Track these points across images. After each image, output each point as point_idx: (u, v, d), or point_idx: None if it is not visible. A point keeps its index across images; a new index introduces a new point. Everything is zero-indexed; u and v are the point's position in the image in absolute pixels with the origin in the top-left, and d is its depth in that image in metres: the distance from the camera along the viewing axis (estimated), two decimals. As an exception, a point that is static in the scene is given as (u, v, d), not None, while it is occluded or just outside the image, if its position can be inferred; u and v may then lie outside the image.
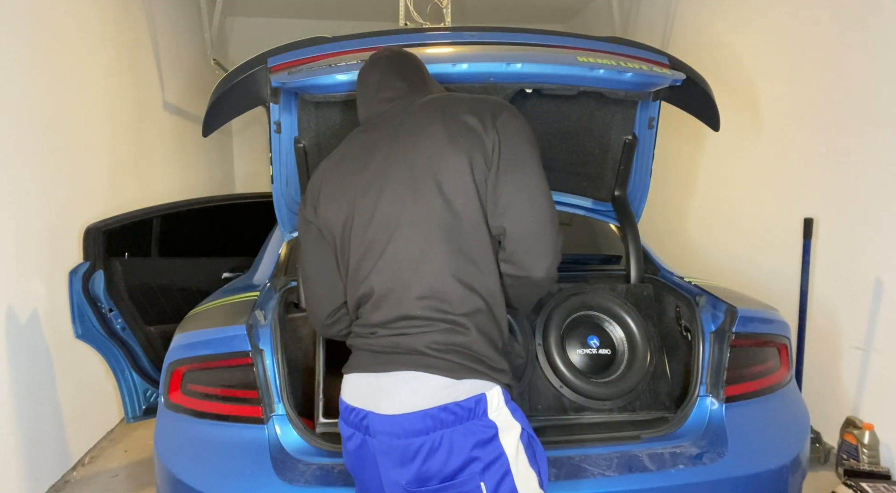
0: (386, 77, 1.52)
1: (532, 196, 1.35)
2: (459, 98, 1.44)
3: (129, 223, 2.93)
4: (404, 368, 1.30)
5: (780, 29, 3.57)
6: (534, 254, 1.35)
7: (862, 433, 2.80)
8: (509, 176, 1.33)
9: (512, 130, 1.36)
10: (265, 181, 2.43)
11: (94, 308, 2.64)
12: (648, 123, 2.22)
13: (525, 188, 1.34)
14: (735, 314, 1.97)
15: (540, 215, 1.35)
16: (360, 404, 1.35)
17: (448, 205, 1.32)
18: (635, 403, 1.99)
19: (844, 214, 3.06)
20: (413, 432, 1.27)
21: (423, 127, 1.38)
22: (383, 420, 1.30)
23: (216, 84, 1.96)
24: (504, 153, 1.34)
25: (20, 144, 2.71)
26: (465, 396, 1.28)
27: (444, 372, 1.28)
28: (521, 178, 1.34)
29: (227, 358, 1.83)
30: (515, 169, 1.34)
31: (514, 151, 1.35)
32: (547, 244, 1.36)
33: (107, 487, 2.92)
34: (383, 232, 1.35)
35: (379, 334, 1.36)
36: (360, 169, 1.42)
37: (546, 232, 1.35)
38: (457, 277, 1.31)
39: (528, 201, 1.34)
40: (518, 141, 1.36)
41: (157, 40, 4.62)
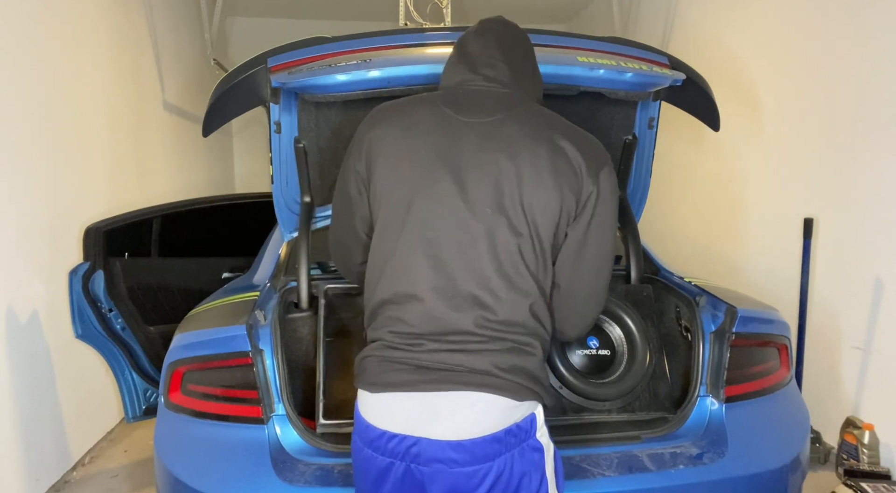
0: (491, 51, 1.37)
1: (600, 266, 1.32)
2: (569, 127, 1.33)
3: (129, 223, 2.93)
4: (467, 388, 1.18)
5: (780, 29, 3.57)
6: (574, 315, 1.34)
7: (862, 432, 2.80)
8: (591, 239, 1.29)
9: (609, 190, 1.30)
10: (265, 181, 2.43)
11: (94, 308, 2.64)
12: (648, 123, 2.22)
13: (597, 256, 1.31)
14: (735, 314, 1.97)
15: (598, 284, 1.33)
16: (404, 430, 1.19)
17: (530, 233, 1.24)
18: (635, 403, 1.99)
19: (844, 214, 3.06)
20: (482, 458, 1.17)
21: (528, 144, 1.25)
22: (442, 447, 1.17)
23: (216, 84, 1.96)
24: (597, 211, 1.28)
25: (20, 145, 2.71)
26: (523, 416, 1.23)
27: (511, 394, 1.20)
28: (598, 243, 1.30)
29: (227, 358, 1.82)
30: (597, 233, 1.29)
31: (605, 214, 1.29)
32: (589, 310, 1.35)
33: (107, 487, 2.92)
34: (450, 235, 1.23)
35: (427, 347, 1.21)
36: (438, 150, 1.27)
37: (595, 301, 1.35)
38: (529, 303, 1.24)
39: (594, 270, 1.32)
40: (611, 204, 1.31)
41: (157, 40, 4.62)
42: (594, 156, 1.28)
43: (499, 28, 1.41)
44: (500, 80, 1.35)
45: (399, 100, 1.39)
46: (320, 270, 2.56)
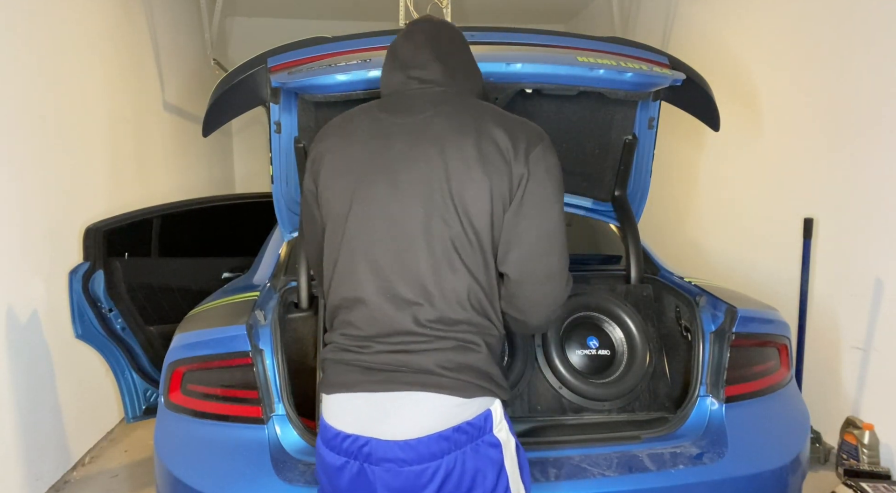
0: (421, 53, 1.35)
1: (548, 247, 1.26)
2: (501, 115, 1.31)
3: (129, 223, 2.93)
4: (411, 388, 1.20)
5: (780, 29, 3.57)
6: (533, 303, 1.28)
7: (862, 433, 2.80)
8: (528, 221, 1.24)
9: (543, 168, 1.26)
10: (265, 181, 2.43)
11: (94, 308, 2.64)
12: (648, 123, 2.22)
13: (542, 237, 1.26)
14: (735, 314, 1.97)
15: (550, 267, 1.27)
16: (356, 430, 1.22)
17: (462, 226, 1.23)
18: (635, 403, 1.99)
19: (844, 214, 3.06)
20: (428, 456, 1.19)
21: (454, 137, 1.25)
22: (390, 446, 1.19)
23: (216, 84, 1.96)
24: (529, 192, 1.24)
25: (20, 144, 2.71)
26: (475, 413, 1.23)
27: (457, 392, 1.20)
28: (539, 225, 1.25)
29: (227, 358, 1.83)
30: (535, 214, 1.25)
31: (539, 193, 1.25)
32: (548, 296, 1.29)
33: (107, 487, 2.92)
34: (386, 236, 1.25)
35: (374, 348, 1.25)
36: (372, 154, 1.28)
37: (552, 285, 1.28)
38: (468, 298, 1.24)
39: (541, 252, 1.26)
40: (547, 182, 1.26)
41: (157, 40, 4.62)
42: (524, 139, 1.26)
43: (428, 27, 1.39)
44: (432, 80, 1.35)
45: (343, 113, 1.42)
46: (320, 270, 2.55)
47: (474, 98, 1.38)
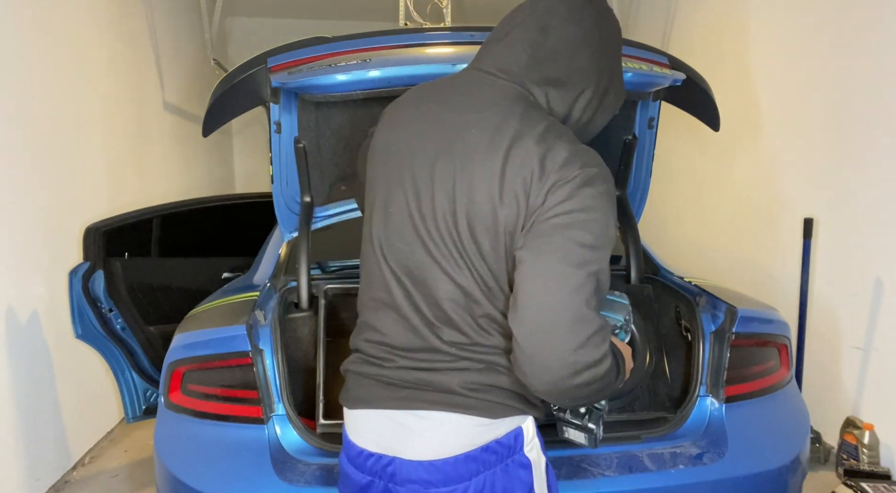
0: (517, 29, 1.16)
1: (554, 288, 0.99)
2: (548, 133, 1.09)
3: (129, 223, 2.93)
4: (435, 407, 1.13)
5: (780, 29, 3.57)
6: (534, 364, 1.00)
7: (862, 433, 2.80)
8: (532, 253, 1.02)
9: (567, 206, 1.03)
10: (265, 181, 2.43)
11: (94, 308, 2.64)
12: (648, 123, 2.22)
13: (543, 275, 1.00)
14: (735, 314, 1.97)
15: (555, 304, 0.99)
16: (380, 449, 1.16)
17: (480, 255, 1.10)
18: (635, 403, 1.99)
19: (844, 214, 3.06)
20: (456, 478, 1.12)
21: (483, 152, 1.08)
22: (415, 467, 1.13)
23: (216, 84, 1.96)
24: (533, 231, 1.04)
25: (20, 144, 2.71)
26: (504, 432, 1.15)
27: (484, 412, 1.13)
28: (547, 261, 1.01)
29: (227, 358, 1.83)
30: (544, 251, 1.01)
31: (554, 221, 1.03)
32: (552, 354, 0.99)
33: (107, 487, 2.92)
34: (409, 251, 1.14)
35: (398, 363, 1.16)
36: (403, 147, 1.17)
37: (554, 341, 0.99)
38: (490, 323, 1.13)
39: (541, 294, 1.00)
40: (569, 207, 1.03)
41: (157, 40, 4.62)
42: (561, 163, 1.06)
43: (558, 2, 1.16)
44: (506, 69, 1.15)
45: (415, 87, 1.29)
46: (320, 270, 2.56)
47: (538, 109, 1.14)
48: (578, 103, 1.18)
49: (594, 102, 1.20)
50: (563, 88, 1.16)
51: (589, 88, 1.18)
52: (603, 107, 1.22)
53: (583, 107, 1.19)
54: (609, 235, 1.06)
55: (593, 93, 1.19)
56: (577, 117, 1.20)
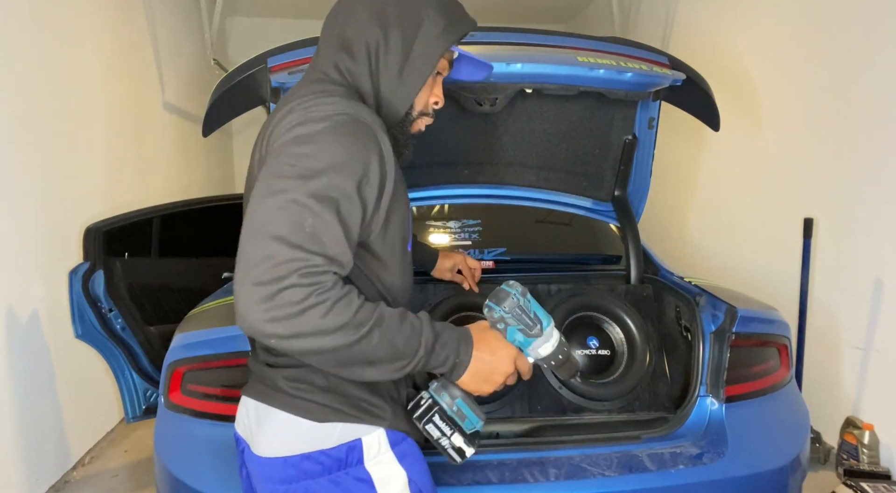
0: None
1: (247, 222, 1.03)
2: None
3: (129, 223, 2.93)
4: (270, 403, 1.13)
5: (780, 29, 3.57)
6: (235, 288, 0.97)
7: (862, 433, 2.80)
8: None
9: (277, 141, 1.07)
10: (265, 181, 2.43)
11: (94, 308, 2.64)
12: (648, 123, 2.22)
13: (247, 214, 1.05)
14: (735, 314, 1.97)
15: (243, 255, 1.00)
16: (242, 432, 1.22)
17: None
18: (635, 403, 1.99)
19: (844, 214, 3.06)
20: (275, 479, 1.11)
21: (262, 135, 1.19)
22: (255, 459, 1.15)
23: (216, 84, 1.96)
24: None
25: (20, 145, 2.71)
26: (335, 443, 1.10)
27: (307, 414, 1.10)
28: (252, 202, 1.05)
29: (227, 358, 1.82)
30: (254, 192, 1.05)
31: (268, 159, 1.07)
32: (238, 295, 0.96)
33: (107, 487, 2.92)
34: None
35: (258, 355, 1.21)
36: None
37: (246, 255, 0.98)
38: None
39: (242, 233, 1.03)
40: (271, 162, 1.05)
41: (157, 40, 4.62)
42: (284, 120, 1.10)
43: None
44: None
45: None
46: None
47: (310, 90, 1.15)
48: (376, 63, 1.16)
49: (392, 57, 1.15)
50: (350, 53, 1.17)
51: (375, 41, 1.15)
52: (412, 62, 1.15)
53: (384, 66, 1.16)
54: (325, 163, 1.00)
55: (386, 47, 1.15)
56: (384, 78, 1.17)
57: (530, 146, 2.28)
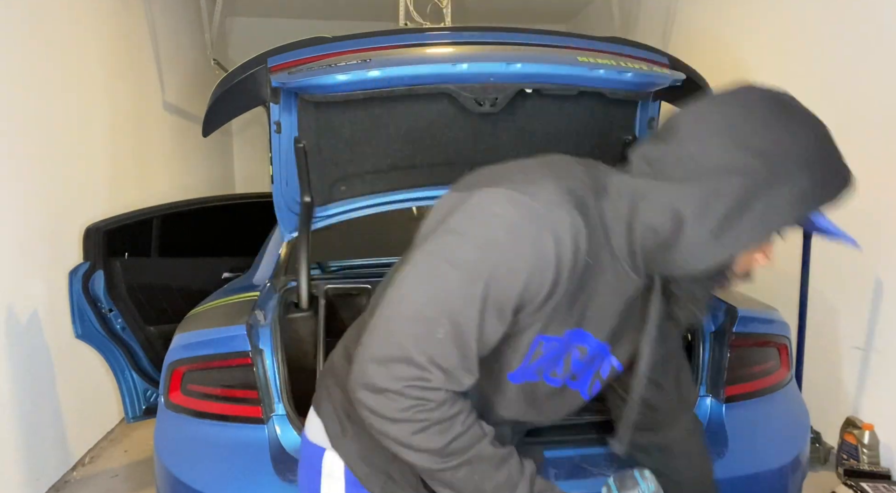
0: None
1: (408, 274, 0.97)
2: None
3: (129, 223, 2.93)
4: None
5: (780, 29, 3.57)
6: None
7: (862, 432, 2.80)
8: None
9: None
10: (265, 181, 2.43)
11: (94, 308, 2.64)
12: (648, 123, 2.22)
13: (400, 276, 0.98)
14: (735, 314, 1.97)
15: (394, 296, 0.96)
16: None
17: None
18: (635, 403, 1.99)
19: (844, 213, 3.06)
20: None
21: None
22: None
23: (216, 84, 1.96)
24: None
25: (20, 145, 2.71)
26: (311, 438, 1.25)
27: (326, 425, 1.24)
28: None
29: (227, 358, 1.83)
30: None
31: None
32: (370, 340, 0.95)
33: (107, 487, 2.92)
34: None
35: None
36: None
37: (377, 326, 0.95)
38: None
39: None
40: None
41: (157, 40, 4.62)
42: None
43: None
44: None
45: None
46: (320, 270, 2.56)
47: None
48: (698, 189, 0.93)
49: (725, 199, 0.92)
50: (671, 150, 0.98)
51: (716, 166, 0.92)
52: (747, 216, 0.91)
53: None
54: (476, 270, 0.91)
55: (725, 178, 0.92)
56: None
57: (530, 146, 2.28)
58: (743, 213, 0.89)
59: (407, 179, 2.30)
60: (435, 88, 1.91)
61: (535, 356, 1.05)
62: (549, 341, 1.04)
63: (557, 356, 1.08)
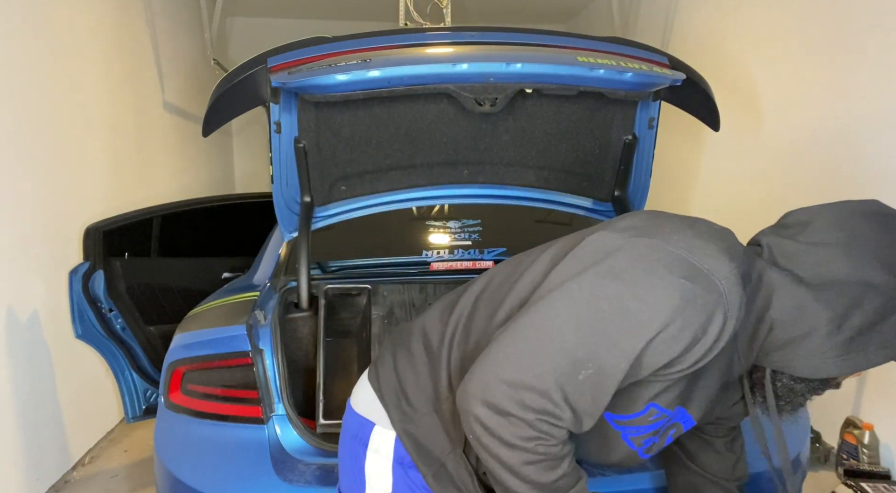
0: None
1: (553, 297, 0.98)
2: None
3: (129, 223, 2.93)
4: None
5: (780, 28, 3.57)
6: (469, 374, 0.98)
7: (862, 433, 2.80)
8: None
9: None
10: (265, 181, 2.43)
11: (94, 308, 2.64)
12: (648, 123, 2.22)
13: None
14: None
15: (535, 319, 0.97)
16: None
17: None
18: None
19: (844, 214, 3.06)
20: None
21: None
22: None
23: (216, 84, 1.96)
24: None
25: (20, 145, 2.71)
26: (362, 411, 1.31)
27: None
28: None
29: (227, 358, 1.83)
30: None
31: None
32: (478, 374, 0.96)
33: (107, 487, 2.92)
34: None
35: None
36: None
37: (515, 349, 0.95)
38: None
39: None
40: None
41: (157, 40, 4.62)
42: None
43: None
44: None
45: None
46: (320, 270, 2.56)
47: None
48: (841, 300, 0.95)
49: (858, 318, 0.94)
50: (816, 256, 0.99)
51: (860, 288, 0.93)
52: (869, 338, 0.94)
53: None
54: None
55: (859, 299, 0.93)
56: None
57: (530, 146, 2.28)
58: (873, 331, 0.91)
59: (407, 179, 2.30)
60: (435, 88, 1.91)
61: (641, 420, 1.06)
62: (661, 412, 1.05)
63: (656, 432, 1.10)
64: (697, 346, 0.93)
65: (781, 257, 1.00)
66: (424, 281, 2.42)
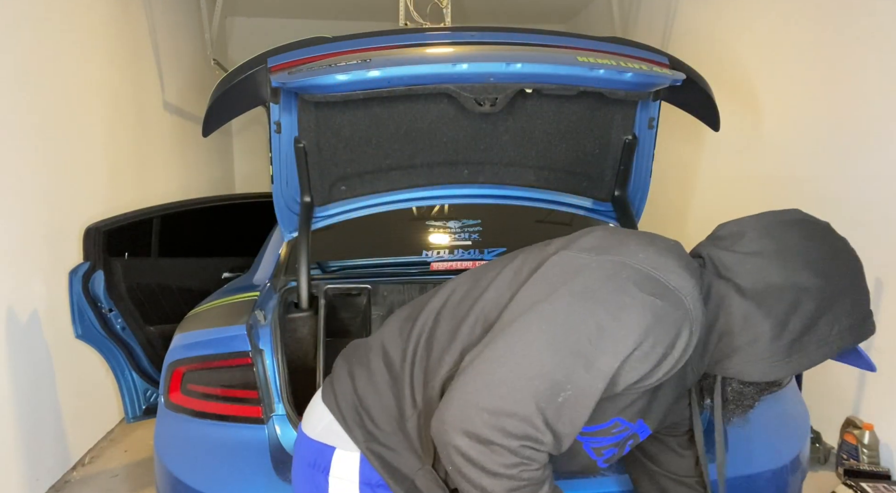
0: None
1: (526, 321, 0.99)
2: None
3: (129, 223, 2.93)
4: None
5: (780, 28, 3.57)
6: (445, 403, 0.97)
7: (862, 433, 2.80)
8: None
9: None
10: (265, 181, 2.43)
11: (94, 308, 2.64)
12: (648, 123, 2.22)
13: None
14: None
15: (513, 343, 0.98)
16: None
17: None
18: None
19: (844, 213, 3.06)
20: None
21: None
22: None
23: (216, 84, 1.96)
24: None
25: (20, 145, 2.71)
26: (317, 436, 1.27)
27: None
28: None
29: (227, 358, 1.83)
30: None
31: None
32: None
33: (107, 487, 2.92)
34: None
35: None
36: None
37: (492, 375, 0.94)
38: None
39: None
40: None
41: (157, 40, 4.62)
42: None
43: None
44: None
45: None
46: (320, 270, 2.56)
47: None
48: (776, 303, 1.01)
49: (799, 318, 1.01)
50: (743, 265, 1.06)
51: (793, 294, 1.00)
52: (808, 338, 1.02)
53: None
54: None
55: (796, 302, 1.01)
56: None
57: (530, 146, 2.28)
58: (811, 332, 0.99)
59: (407, 179, 2.30)
60: (435, 88, 1.91)
61: (604, 432, 1.09)
62: (623, 425, 1.08)
63: (617, 444, 1.13)
64: (666, 361, 0.96)
65: (723, 268, 1.04)
66: (424, 281, 2.42)
